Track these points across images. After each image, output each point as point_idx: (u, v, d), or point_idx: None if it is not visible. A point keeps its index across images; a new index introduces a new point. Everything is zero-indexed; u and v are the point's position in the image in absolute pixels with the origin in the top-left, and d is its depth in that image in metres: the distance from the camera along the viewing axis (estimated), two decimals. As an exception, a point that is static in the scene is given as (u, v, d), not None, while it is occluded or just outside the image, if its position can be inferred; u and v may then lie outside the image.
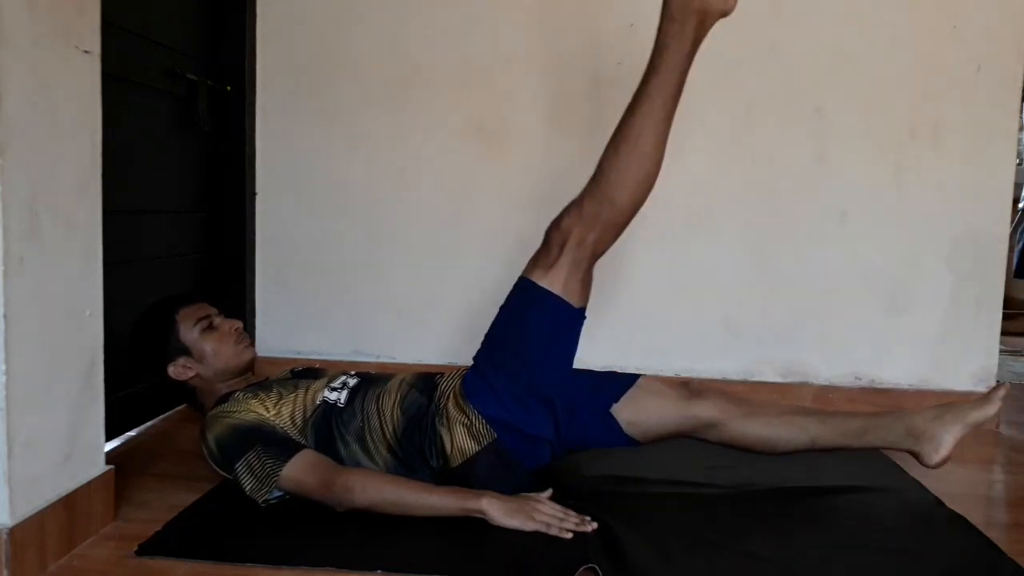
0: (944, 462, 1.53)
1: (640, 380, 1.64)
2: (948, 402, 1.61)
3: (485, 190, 2.35)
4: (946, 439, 1.53)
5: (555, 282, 1.53)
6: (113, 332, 1.44)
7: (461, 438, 1.51)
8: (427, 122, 2.34)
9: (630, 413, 1.59)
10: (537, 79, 2.31)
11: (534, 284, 1.54)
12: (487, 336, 1.62)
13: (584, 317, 1.59)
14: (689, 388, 1.64)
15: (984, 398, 1.57)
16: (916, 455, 1.55)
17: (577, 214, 1.52)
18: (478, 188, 2.35)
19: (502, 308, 1.61)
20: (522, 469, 1.53)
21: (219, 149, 2.32)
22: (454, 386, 1.57)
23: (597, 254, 1.56)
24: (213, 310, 1.70)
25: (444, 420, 1.53)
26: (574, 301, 1.54)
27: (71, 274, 1.30)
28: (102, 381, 1.40)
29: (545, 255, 1.54)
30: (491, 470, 1.50)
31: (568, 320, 1.56)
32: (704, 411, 1.60)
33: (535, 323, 1.55)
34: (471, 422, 1.52)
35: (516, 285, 1.59)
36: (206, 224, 2.31)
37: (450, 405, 1.54)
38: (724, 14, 1.49)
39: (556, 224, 1.54)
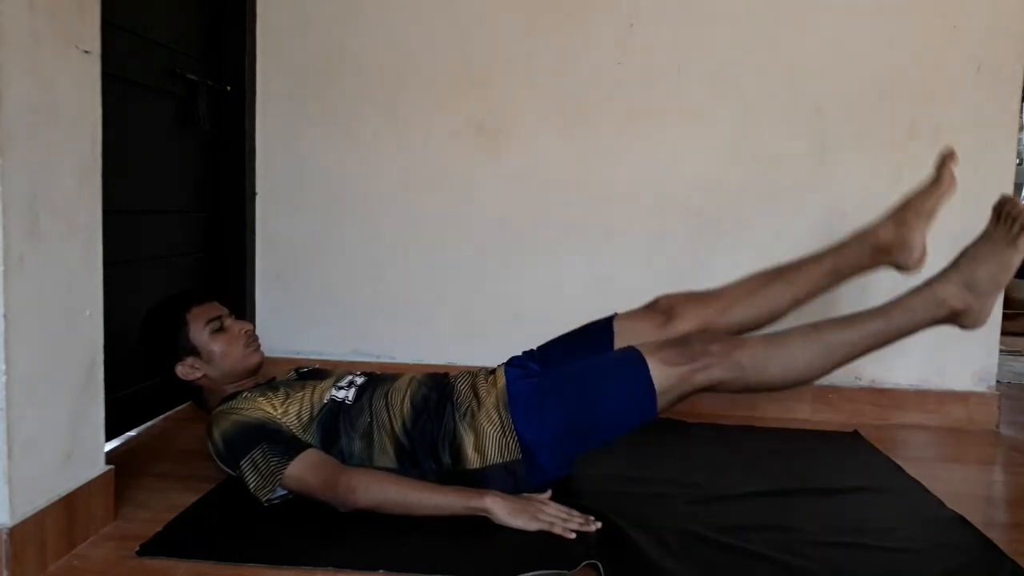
0: (923, 260, 1.53)
1: (615, 328, 1.63)
2: (901, 202, 1.58)
3: (485, 190, 2.35)
4: (916, 239, 1.52)
5: (663, 379, 1.46)
6: (113, 332, 1.44)
7: (487, 443, 1.49)
8: (427, 122, 2.34)
9: None
10: (537, 79, 2.31)
11: (646, 365, 1.47)
12: (567, 369, 1.56)
13: (652, 421, 1.52)
14: (660, 310, 1.63)
15: (936, 179, 1.52)
16: (895, 267, 1.54)
17: (730, 350, 1.47)
18: (478, 188, 2.35)
19: (601, 359, 1.56)
20: (522, 489, 1.51)
21: (219, 149, 2.31)
22: (497, 389, 1.54)
23: (708, 389, 1.50)
24: (224, 310, 1.70)
25: (469, 419, 1.51)
26: (660, 406, 1.48)
27: (71, 274, 1.30)
28: (102, 381, 1.40)
29: (675, 352, 1.47)
30: (500, 484, 1.49)
31: (644, 416, 1.49)
32: (683, 327, 1.59)
33: (623, 397, 1.48)
34: (504, 432, 1.50)
35: (628, 351, 1.51)
36: (206, 224, 2.31)
37: (487, 405, 1.52)
38: (964, 328, 1.50)
39: (708, 338, 1.50)
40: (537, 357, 1.70)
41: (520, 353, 1.72)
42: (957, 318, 1.47)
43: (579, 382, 1.52)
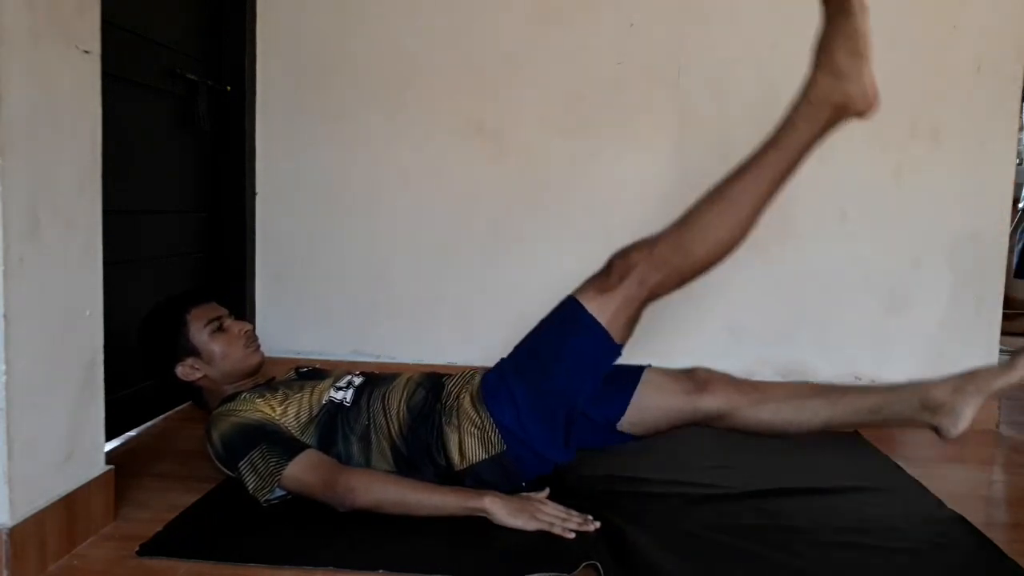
0: (964, 434, 1.46)
1: (644, 375, 1.57)
2: (968, 371, 1.50)
3: (485, 190, 2.34)
4: (966, 412, 1.44)
5: (604, 311, 1.49)
6: (113, 332, 1.44)
7: (469, 443, 1.50)
8: (427, 122, 2.33)
9: (633, 414, 1.55)
10: (537, 79, 2.31)
11: (582, 307, 1.50)
12: (521, 345, 1.58)
13: (620, 354, 1.54)
14: (694, 380, 1.56)
15: (1008, 364, 1.46)
16: (935, 429, 1.48)
17: (648, 252, 1.49)
18: (478, 188, 2.35)
19: (544, 321, 1.57)
20: (521, 480, 1.52)
21: (219, 149, 2.31)
22: (472, 386, 1.55)
23: (652, 297, 1.52)
24: (223, 311, 1.70)
25: (453, 420, 1.52)
26: (616, 336, 1.51)
27: (71, 274, 1.30)
28: (102, 381, 1.40)
29: (602, 281, 1.50)
30: (493, 479, 1.49)
31: (605, 353, 1.52)
32: (710, 404, 1.53)
33: (573, 346, 1.51)
34: (483, 428, 1.50)
35: (564, 302, 1.54)
36: (206, 224, 2.31)
37: (465, 404, 1.52)
38: (861, 115, 1.50)
39: (623, 254, 1.51)
40: None
41: None
42: (844, 111, 1.51)
43: (533, 350, 1.54)
